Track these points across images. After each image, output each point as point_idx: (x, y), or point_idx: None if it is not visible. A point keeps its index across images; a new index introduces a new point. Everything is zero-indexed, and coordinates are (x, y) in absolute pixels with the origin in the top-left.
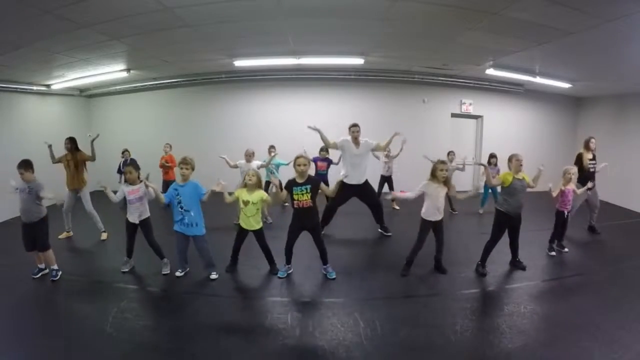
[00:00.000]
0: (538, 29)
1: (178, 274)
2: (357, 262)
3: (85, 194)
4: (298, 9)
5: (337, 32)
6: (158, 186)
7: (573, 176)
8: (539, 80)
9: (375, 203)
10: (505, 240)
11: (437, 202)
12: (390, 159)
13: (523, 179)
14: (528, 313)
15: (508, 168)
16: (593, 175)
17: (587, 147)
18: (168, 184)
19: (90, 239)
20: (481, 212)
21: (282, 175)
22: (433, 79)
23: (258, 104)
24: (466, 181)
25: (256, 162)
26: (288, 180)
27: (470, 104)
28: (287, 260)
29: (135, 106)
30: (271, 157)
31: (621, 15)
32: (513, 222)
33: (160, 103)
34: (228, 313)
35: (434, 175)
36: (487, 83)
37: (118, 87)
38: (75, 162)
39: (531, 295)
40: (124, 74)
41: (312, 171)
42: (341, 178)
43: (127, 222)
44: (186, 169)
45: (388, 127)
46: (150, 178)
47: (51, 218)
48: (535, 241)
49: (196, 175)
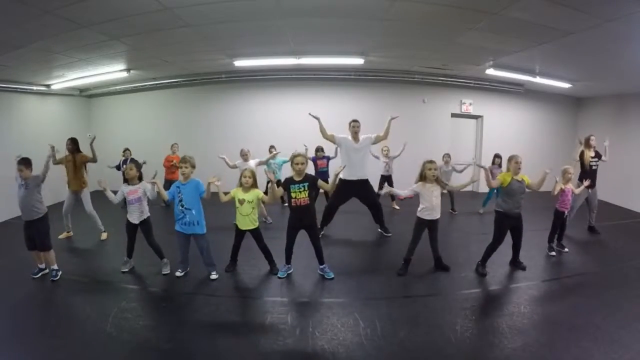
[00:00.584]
0: (538, 29)
1: (178, 274)
2: (357, 262)
3: (85, 195)
4: (298, 9)
5: (337, 32)
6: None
7: (572, 176)
8: (539, 80)
9: (374, 204)
10: (505, 240)
11: (432, 202)
12: (390, 159)
13: (522, 180)
14: (528, 313)
15: (507, 168)
16: (594, 173)
17: (588, 145)
18: (171, 183)
19: (90, 239)
20: (481, 212)
21: (285, 174)
22: (433, 79)
23: (258, 104)
24: (466, 180)
25: (253, 161)
26: (285, 178)
27: (470, 104)
28: (287, 260)
29: (135, 106)
30: (272, 155)
31: (621, 15)
32: (514, 223)
33: (160, 103)
34: (228, 313)
35: (424, 175)
36: (487, 83)
37: (118, 87)
38: (75, 163)
39: (531, 295)
40: (124, 74)
41: (312, 170)
42: (339, 170)
43: (127, 223)
44: (186, 168)
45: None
46: (156, 177)
47: (51, 218)
48: (535, 241)
49: (196, 175)
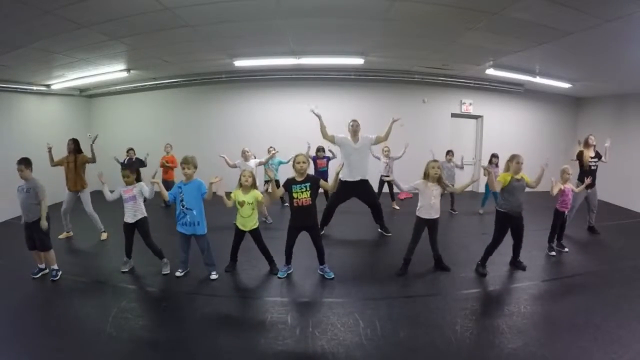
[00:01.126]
0: (538, 29)
1: (178, 274)
2: (357, 262)
3: (85, 195)
4: (298, 9)
5: (337, 32)
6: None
7: (571, 176)
8: (539, 80)
9: (374, 203)
10: (505, 240)
11: (431, 201)
12: (391, 160)
13: (522, 179)
14: (528, 313)
15: (507, 167)
16: (594, 173)
17: (587, 145)
18: (167, 184)
19: (90, 239)
20: (481, 212)
21: (282, 174)
22: (433, 79)
23: (258, 104)
24: (466, 179)
25: (254, 161)
26: (287, 179)
27: (470, 104)
28: (287, 260)
29: (135, 106)
30: (270, 155)
31: (621, 15)
32: (515, 222)
33: (160, 103)
34: (228, 313)
35: (427, 174)
36: (487, 83)
37: (118, 87)
38: (76, 164)
39: (531, 295)
40: (124, 74)
41: (312, 169)
42: (339, 169)
43: (124, 223)
44: (188, 169)
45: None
46: (155, 176)
47: (51, 218)
48: (535, 241)
49: (197, 175)
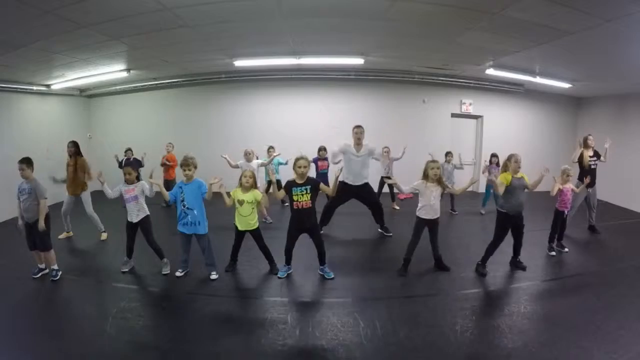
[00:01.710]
0: (538, 29)
1: (178, 274)
2: (357, 262)
3: (85, 197)
4: (298, 9)
5: (337, 32)
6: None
7: (571, 176)
8: (539, 80)
9: (374, 203)
10: (505, 240)
11: (431, 201)
12: (390, 160)
13: (522, 178)
14: (528, 313)
15: (505, 167)
16: (594, 172)
17: (586, 145)
18: (168, 183)
19: (90, 239)
20: (483, 213)
21: (282, 174)
22: (433, 79)
23: (258, 104)
24: (466, 181)
25: (256, 161)
26: (287, 181)
27: (470, 104)
28: (287, 261)
29: (135, 106)
30: (272, 157)
31: (621, 15)
32: (515, 222)
33: (160, 103)
34: (228, 313)
35: (427, 174)
36: (487, 83)
37: (118, 87)
38: (75, 167)
39: (531, 295)
40: (124, 74)
41: (313, 171)
42: (338, 172)
43: (127, 222)
44: (189, 170)
45: (388, 127)
46: (153, 175)
47: (52, 218)
48: (535, 241)
49: (197, 175)
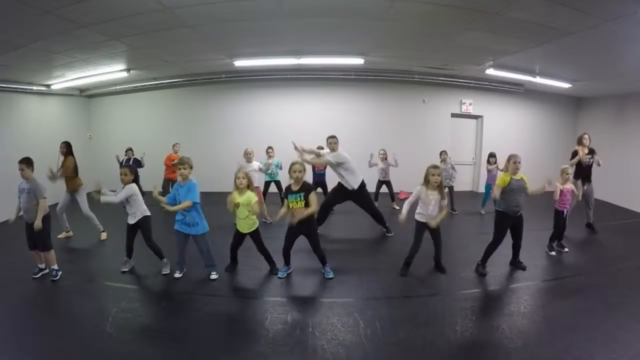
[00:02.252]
0: (538, 29)
1: (177, 276)
2: (357, 262)
3: (81, 196)
4: (298, 9)
5: (337, 32)
6: (159, 184)
7: (570, 175)
8: (539, 80)
9: (371, 210)
10: (505, 240)
11: (428, 209)
12: (386, 164)
13: (521, 179)
14: (528, 313)
15: (505, 168)
16: (589, 168)
17: (581, 143)
18: (172, 182)
19: (90, 239)
20: (482, 213)
21: (282, 174)
22: (433, 79)
23: (258, 104)
24: (466, 181)
25: (256, 163)
26: (286, 187)
27: (470, 104)
28: (286, 261)
29: (135, 106)
30: (267, 166)
31: (621, 15)
32: (514, 222)
33: (160, 103)
34: (228, 313)
35: (427, 180)
36: (487, 83)
37: (118, 87)
38: (67, 167)
39: (531, 295)
40: (124, 74)
41: (310, 172)
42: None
43: (127, 223)
44: (184, 169)
45: (388, 127)
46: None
47: (52, 218)
48: (535, 241)
49: (197, 175)
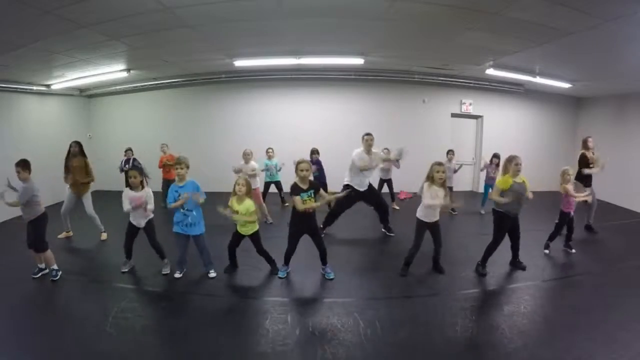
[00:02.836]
0: (538, 29)
1: (177, 276)
2: (358, 262)
3: (87, 197)
4: (298, 9)
5: (337, 32)
6: (158, 186)
7: (570, 176)
8: (539, 80)
9: (380, 203)
10: (504, 240)
11: (434, 206)
12: (389, 163)
13: (522, 182)
14: (528, 313)
15: (505, 169)
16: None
17: (587, 147)
18: (169, 182)
19: (90, 239)
20: (482, 213)
21: (282, 174)
22: (433, 79)
23: (258, 104)
24: (466, 181)
25: (254, 163)
26: (293, 185)
27: (470, 104)
28: (286, 262)
29: (135, 106)
30: (272, 168)
31: (621, 15)
32: (513, 223)
33: (160, 103)
34: (228, 313)
35: (431, 177)
36: (487, 83)
37: (118, 87)
38: (80, 167)
39: (531, 295)
40: (124, 74)
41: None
42: (342, 195)
43: (130, 225)
44: (181, 169)
45: (388, 127)
46: (150, 183)
47: (51, 218)
48: (535, 241)
49: (197, 175)
